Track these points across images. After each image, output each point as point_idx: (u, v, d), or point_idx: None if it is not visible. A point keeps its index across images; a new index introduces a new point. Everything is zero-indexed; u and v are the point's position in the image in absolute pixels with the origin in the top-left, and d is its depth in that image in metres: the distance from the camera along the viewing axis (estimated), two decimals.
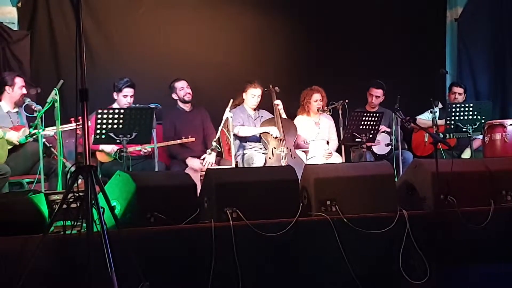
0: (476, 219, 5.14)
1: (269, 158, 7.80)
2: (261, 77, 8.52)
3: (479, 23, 10.15)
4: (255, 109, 8.21)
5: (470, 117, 7.69)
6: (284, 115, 8.18)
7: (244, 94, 8.14)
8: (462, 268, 5.11)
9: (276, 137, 7.84)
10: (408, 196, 5.38)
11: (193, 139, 7.60)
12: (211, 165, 7.53)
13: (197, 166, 7.63)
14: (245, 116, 8.09)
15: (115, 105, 7.47)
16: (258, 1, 9.52)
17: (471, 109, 7.71)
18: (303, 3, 9.70)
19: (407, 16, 10.05)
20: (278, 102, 8.10)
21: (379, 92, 8.77)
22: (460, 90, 8.95)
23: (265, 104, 8.26)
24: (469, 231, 5.10)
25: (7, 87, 7.15)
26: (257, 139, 8.04)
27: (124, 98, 7.50)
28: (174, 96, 8.10)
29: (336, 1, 9.80)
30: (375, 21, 9.88)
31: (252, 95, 8.08)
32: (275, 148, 7.82)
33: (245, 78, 8.30)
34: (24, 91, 7.20)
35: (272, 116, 8.09)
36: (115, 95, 7.56)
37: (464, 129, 7.69)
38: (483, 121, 7.69)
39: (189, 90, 8.07)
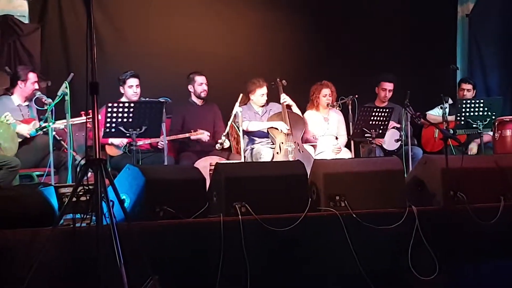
0: (485, 215, 5.12)
1: (277, 152, 7.79)
2: (270, 71, 8.52)
3: (490, 18, 10.11)
4: (262, 106, 8.19)
5: (481, 113, 7.66)
6: (295, 107, 8.17)
7: (251, 95, 8.11)
8: (471, 264, 5.10)
9: (283, 132, 7.83)
10: (417, 192, 5.37)
11: (202, 132, 7.60)
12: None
13: (203, 137, 7.68)
14: (252, 114, 8.07)
15: (123, 99, 7.48)
16: None
17: (481, 105, 7.67)
18: None
19: (418, 11, 10.01)
20: (284, 97, 8.07)
21: (391, 85, 8.69)
22: (469, 86, 8.90)
23: (273, 97, 8.23)
24: (478, 228, 5.09)
25: (19, 82, 7.18)
26: (265, 134, 8.02)
27: (130, 88, 7.50)
28: (190, 88, 8.05)
29: None
30: (385, 16, 9.84)
31: (261, 95, 8.07)
32: (282, 143, 7.81)
33: (254, 72, 8.27)
34: (36, 86, 7.23)
35: (280, 111, 8.08)
36: (121, 89, 7.57)
37: (474, 125, 7.66)
38: (493, 117, 7.66)
39: (206, 88, 8.03)
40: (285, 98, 8.07)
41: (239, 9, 9.43)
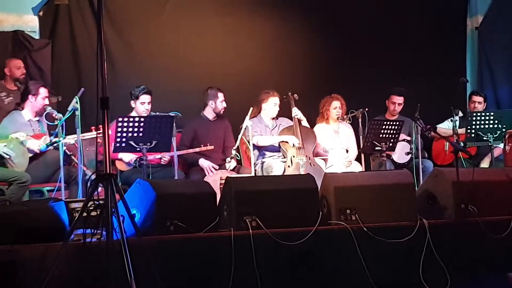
0: (497, 228, 5.10)
1: (288, 166, 7.77)
2: (281, 84, 8.52)
3: (500, 31, 10.09)
4: (273, 118, 8.19)
5: (491, 125, 7.64)
6: (305, 122, 8.16)
7: (263, 105, 8.09)
8: (483, 277, 5.08)
9: (295, 145, 7.82)
10: (428, 205, 5.35)
11: (212, 147, 7.59)
12: (231, 173, 7.54)
13: (207, 165, 7.65)
14: (262, 126, 8.06)
15: (133, 114, 7.49)
16: (278, 9, 9.51)
17: (491, 117, 7.66)
18: (324, 11, 9.69)
19: (427, 25, 10.02)
20: (295, 111, 8.05)
21: (401, 99, 8.68)
22: (480, 99, 8.89)
23: (284, 111, 8.23)
24: (490, 241, 5.07)
25: (30, 96, 7.20)
26: (276, 148, 8.01)
27: (142, 105, 7.48)
28: (211, 103, 7.93)
29: (357, 9, 9.79)
30: (395, 29, 9.85)
31: (274, 104, 8.05)
32: (294, 156, 7.80)
33: (264, 85, 8.29)
34: (47, 101, 7.24)
35: (291, 124, 8.07)
36: (132, 103, 7.54)
37: (484, 138, 7.64)
38: (504, 129, 7.63)
39: (225, 104, 8.02)
40: (296, 112, 8.06)
41: (251, 22, 9.45)
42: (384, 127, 7.58)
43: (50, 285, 3.90)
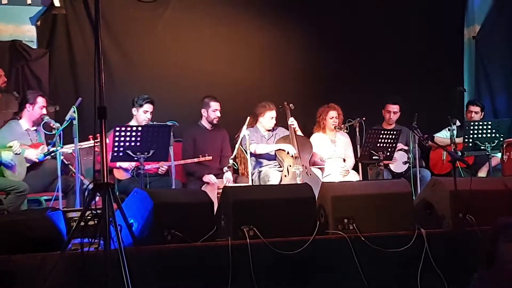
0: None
1: (285, 175, 7.77)
2: (278, 93, 8.54)
3: (497, 40, 10.11)
4: (269, 130, 8.19)
5: (489, 135, 7.64)
6: (299, 132, 8.16)
7: (260, 118, 8.10)
8: None
9: (292, 155, 7.81)
10: (426, 215, 5.35)
11: (210, 157, 7.60)
12: (229, 182, 7.54)
13: (214, 180, 7.65)
14: (258, 136, 8.06)
15: (132, 122, 7.49)
16: (274, 18, 9.53)
17: (489, 126, 7.66)
18: (321, 20, 9.71)
19: (425, 34, 10.03)
20: (291, 121, 8.05)
21: (396, 107, 8.70)
22: (477, 108, 8.86)
23: (280, 121, 8.23)
24: None
25: (27, 105, 7.20)
26: (272, 157, 8.01)
27: (144, 114, 7.50)
28: (204, 112, 8.01)
29: (354, 19, 9.81)
30: (393, 38, 9.88)
31: (271, 117, 8.07)
32: (290, 165, 7.80)
33: (261, 95, 8.31)
34: (44, 111, 7.23)
35: (287, 134, 8.07)
36: (134, 110, 7.55)
37: (482, 147, 7.64)
38: (501, 139, 7.64)
39: (220, 114, 8.03)
40: (292, 121, 8.06)
41: (247, 32, 9.47)
42: (381, 136, 7.59)
43: None
